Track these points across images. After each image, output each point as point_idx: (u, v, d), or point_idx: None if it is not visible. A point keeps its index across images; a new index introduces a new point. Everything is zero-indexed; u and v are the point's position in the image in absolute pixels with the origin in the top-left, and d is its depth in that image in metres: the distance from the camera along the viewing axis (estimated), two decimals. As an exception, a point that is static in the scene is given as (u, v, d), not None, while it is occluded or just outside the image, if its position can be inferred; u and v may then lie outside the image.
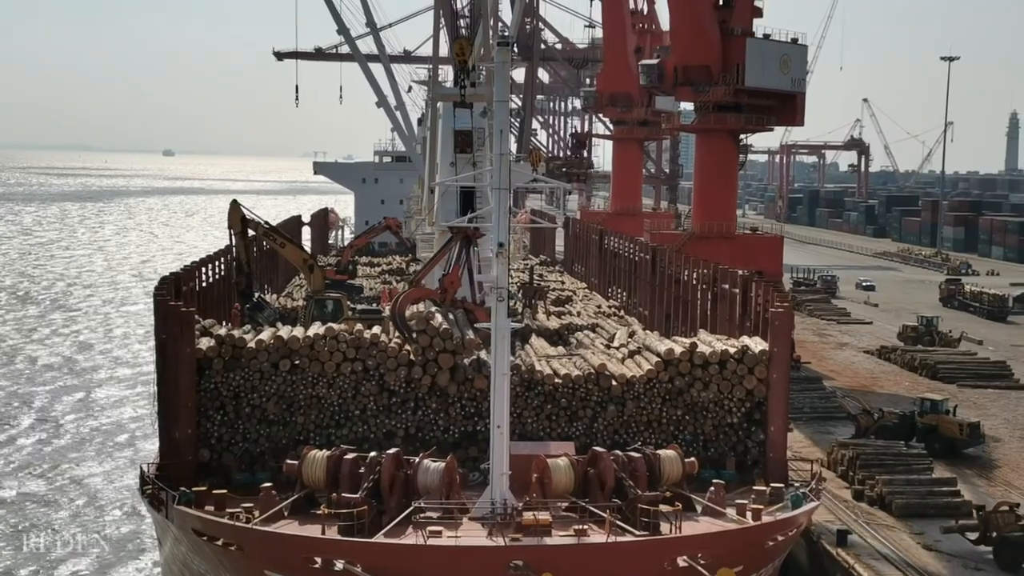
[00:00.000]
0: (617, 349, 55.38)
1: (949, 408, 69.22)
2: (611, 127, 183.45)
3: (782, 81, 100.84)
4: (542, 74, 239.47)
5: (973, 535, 50.47)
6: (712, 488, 42.67)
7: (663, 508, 39.28)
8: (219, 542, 38.49)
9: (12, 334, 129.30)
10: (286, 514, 40.55)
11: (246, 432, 47.40)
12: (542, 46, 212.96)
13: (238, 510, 40.25)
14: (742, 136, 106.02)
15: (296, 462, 42.10)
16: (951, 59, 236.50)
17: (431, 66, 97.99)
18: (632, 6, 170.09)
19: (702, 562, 36.09)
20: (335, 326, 49.45)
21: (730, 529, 40.06)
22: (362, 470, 40.14)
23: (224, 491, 42.35)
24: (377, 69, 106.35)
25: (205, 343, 47.68)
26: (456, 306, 54.26)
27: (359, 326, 50.30)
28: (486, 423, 43.78)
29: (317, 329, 49.21)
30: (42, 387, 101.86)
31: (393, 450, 41.36)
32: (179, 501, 41.58)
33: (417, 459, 40.85)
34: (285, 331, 50.41)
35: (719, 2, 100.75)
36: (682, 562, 36.29)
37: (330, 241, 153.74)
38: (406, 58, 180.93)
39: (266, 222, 68.76)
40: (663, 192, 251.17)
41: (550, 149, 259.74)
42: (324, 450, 42.66)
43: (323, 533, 37.83)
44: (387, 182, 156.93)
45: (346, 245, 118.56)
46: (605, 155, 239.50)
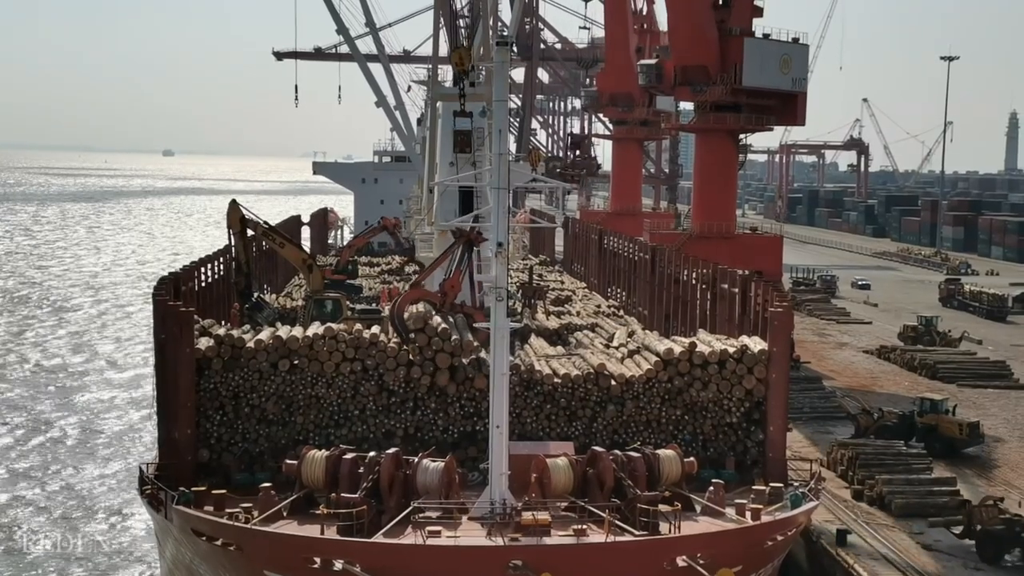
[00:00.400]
0: (616, 349, 55.39)
1: (949, 408, 69.17)
2: (611, 127, 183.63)
3: (782, 81, 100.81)
4: (542, 74, 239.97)
5: (958, 529, 50.93)
6: (711, 488, 42.69)
7: (662, 508, 39.26)
8: (218, 542, 38.49)
9: (12, 334, 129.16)
10: (285, 514, 40.55)
11: (245, 432, 47.40)
12: (541, 46, 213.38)
13: (237, 510, 40.22)
14: (741, 136, 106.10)
15: (295, 462, 42.11)
16: (951, 59, 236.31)
17: (431, 66, 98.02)
18: (632, 6, 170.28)
19: (701, 562, 36.05)
20: (334, 326, 49.45)
21: (729, 529, 40.06)
22: (361, 470, 40.16)
23: (223, 491, 42.35)
24: (377, 69, 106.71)
25: (204, 343, 47.70)
26: (455, 310, 54.27)
27: (358, 326, 50.27)
28: (485, 423, 43.88)
29: (316, 329, 49.19)
30: (41, 387, 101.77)
31: (392, 450, 41.38)
32: (178, 501, 41.58)
33: (416, 459, 40.84)
34: (284, 331, 50.46)
35: (718, 2, 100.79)
36: (681, 562, 36.26)
37: (329, 241, 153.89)
38: (406, 58, 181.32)
39: (265, 222, 68.82)
40: (663, 192, 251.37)
41: (550, 149, 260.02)
42: (323, 450, 42.66)
43: (322, 533, 37.82)
44: (387, 182, 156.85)
45: (344, 245, 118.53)
46: (605, 155, 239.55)
